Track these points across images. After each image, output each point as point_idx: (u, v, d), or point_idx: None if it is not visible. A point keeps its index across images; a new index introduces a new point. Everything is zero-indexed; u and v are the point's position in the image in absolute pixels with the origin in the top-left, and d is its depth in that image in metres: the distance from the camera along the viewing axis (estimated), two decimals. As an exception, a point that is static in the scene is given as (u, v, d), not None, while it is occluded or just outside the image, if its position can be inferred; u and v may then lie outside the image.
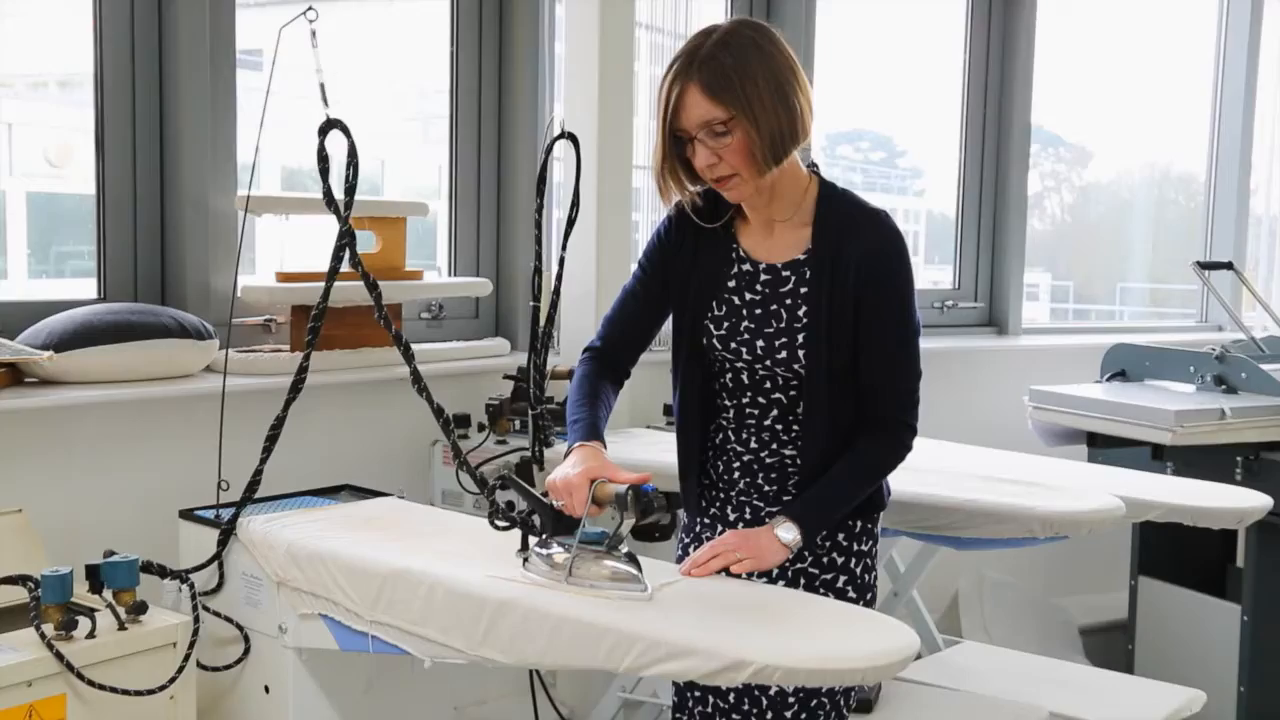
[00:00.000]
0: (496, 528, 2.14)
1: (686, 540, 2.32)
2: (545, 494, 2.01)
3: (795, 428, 2.14)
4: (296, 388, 2.38)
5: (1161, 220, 5.78)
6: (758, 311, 2.13)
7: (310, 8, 2.30)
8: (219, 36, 2.99)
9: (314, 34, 2.30)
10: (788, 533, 2.03)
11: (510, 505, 2.17)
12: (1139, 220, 5.75)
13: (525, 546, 2.03)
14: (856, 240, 2.06)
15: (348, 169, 2.28)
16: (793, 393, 2.13)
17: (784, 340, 2.10)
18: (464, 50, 3.54)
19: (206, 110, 2.96)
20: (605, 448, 2.07)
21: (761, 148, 1.99)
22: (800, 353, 2.09)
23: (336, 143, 2.29)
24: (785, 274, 2.12)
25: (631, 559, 1.93)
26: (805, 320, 2.08)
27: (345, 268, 2.38)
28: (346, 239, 2.32)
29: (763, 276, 2.14)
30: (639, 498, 1.92)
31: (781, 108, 1.99)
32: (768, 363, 2.12)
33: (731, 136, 1.99)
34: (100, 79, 2.90)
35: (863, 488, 2.13)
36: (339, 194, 2.29)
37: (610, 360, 2.25)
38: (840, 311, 2.07)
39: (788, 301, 2.10)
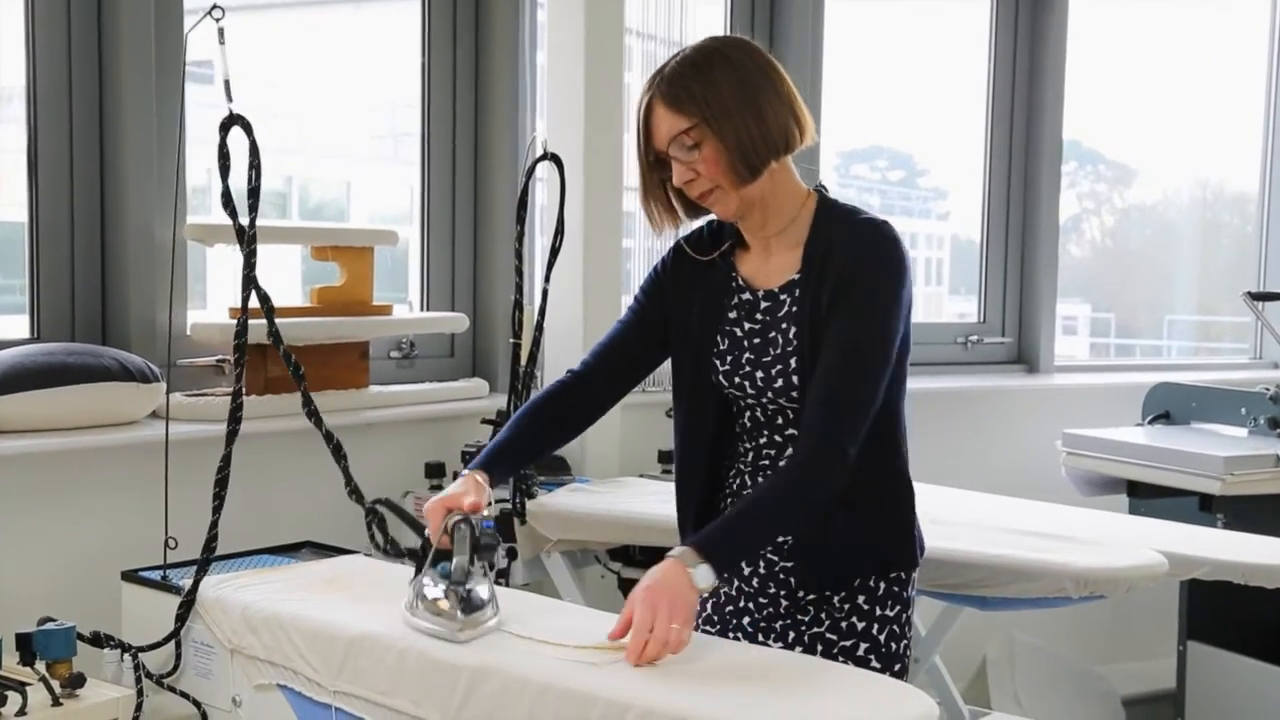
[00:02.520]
0: (384, 554, 2.29)
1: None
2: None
3: None
4: (235, 418, 2.41)
5: (1213, 245, 5.79)
6: (757, 341, 2.17)
7: (216, 5, 2.37)
8: (165, 46, 3.02)
9: (221, 32, 2.39)
10: (702, 578, 1.94)
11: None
12: (1188, 245, 5.76)
13: (418, 573, 2.13)
14: (839, 249, 2.11)
15: (250, 171, 2.36)
16: None
17: (780, 368, 2.13)
18: (437, 61, 3.59)
19: (152, 128, 2.99)
20: (491, 478, 2.15)
21: (730, 156, 2.07)
22: (794, 378, 2.12)
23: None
24: (781, 298, 2.17)
25: (462, 597, 2.03)
26: (796, 344, 2.12)
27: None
28: (253, 244, 2.39)
29: (762, 304, 2.19)
30: (469, 533, 2.04)
31: (750, 114, 2.07)
32: (770, 394, 2.16)
33: (701, 149, 2.07)
34: (33, 92, 2.93)
35: (779, 513, 2.04)
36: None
37: (584, 389, 2.30)
38: (821, 331, 2.10)
39: (783, 326, 2.15)
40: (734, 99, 2.06)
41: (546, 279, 3.03)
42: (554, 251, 3.02)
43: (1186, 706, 3.87)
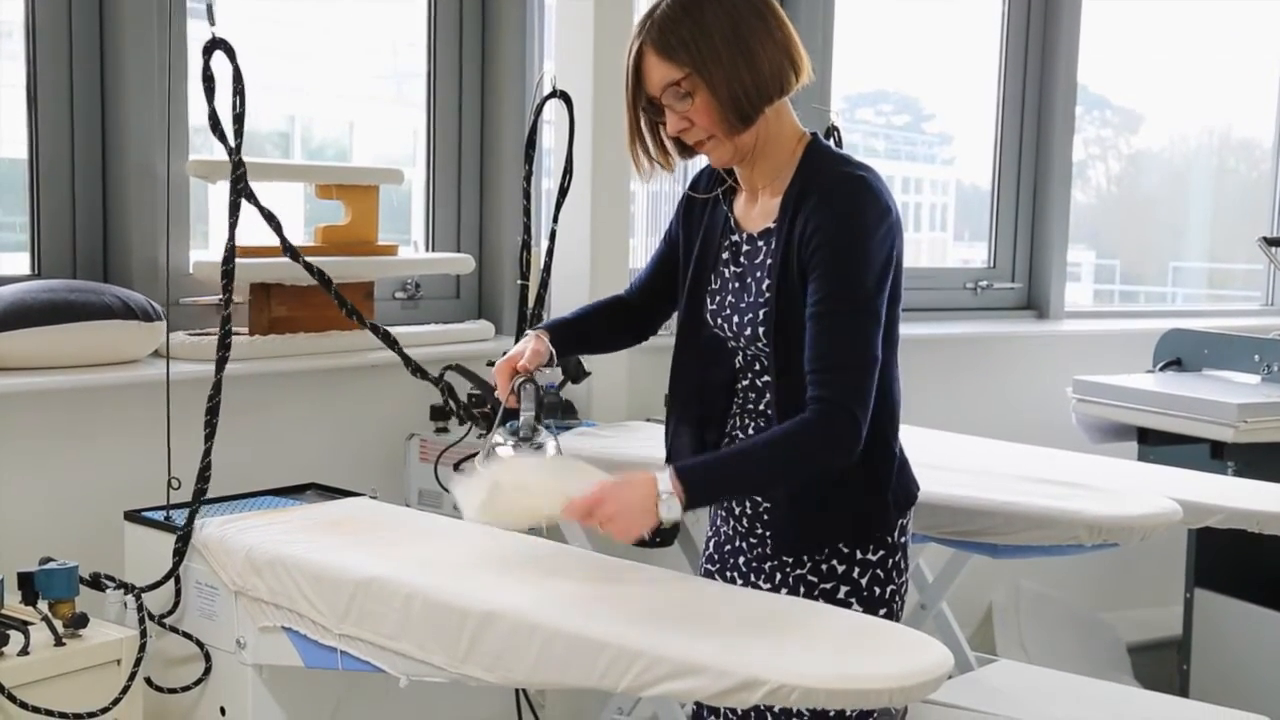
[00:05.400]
0: (457, 416, 2.53)
1: (709, 533, 2.37)
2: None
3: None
4: (224, 344, 2.42)
5: (1221, 192, 5.77)
6: (737, 285, 2.18)
7: None
8: (167, -19, 2.97)
9: None
10: (667, 510, 1.95)
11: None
12: (1195, 192, 5.74)
13: (489, 432, 2.27)
14: (810, 203, 2.07)
15: (234, 95, 2.36)
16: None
17: (750, 316, 2.13)
18: (443, -2, 3.54)
19: (153, 63, 2.95)
20: (552, 338, 2.24)
21: (723, 107, 2.04)
22: (761, 330, 2.11)
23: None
24: (760, 244, 2.16)
25: (536, 448, 2.16)
26: (768, 295, 2.11)
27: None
28: (241, 169, 2.41)
29: (745, 247, 2.18)
30: (524, 391, 2.17)
31: (743, 61, 2.03)
32: (743, 339, 2.15)
33: (694, 98, 2.04)
34: (32, 27, 2.88)
35: (775, 472, 2.04)
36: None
37: (628, 307, 2.38)
38: (790, 283, 2.08)
39: (758, 274, 2.14)
40: (726, 45, 2.02)
41: (554, 219, 2.99)
42: (562, 191, 2.99)
43: (1192, 653, 3.88)
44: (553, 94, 2.97)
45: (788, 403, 2.09)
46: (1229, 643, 3.79)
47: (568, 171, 2.98)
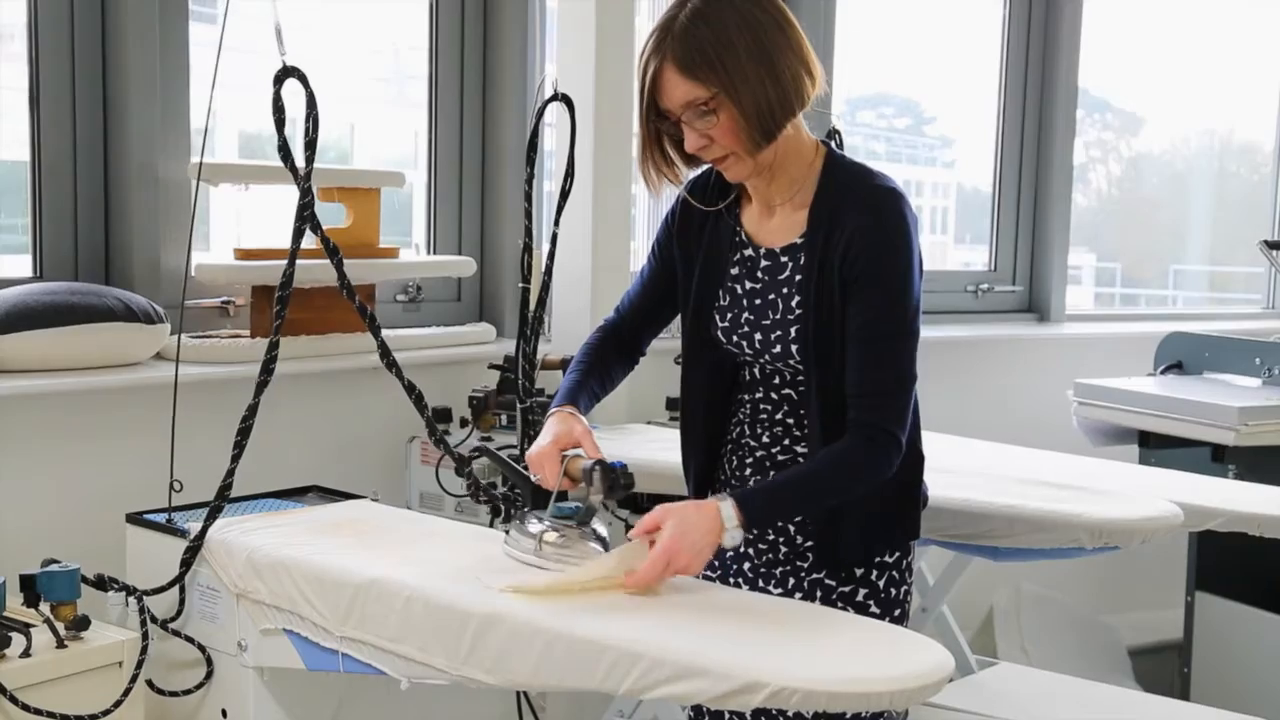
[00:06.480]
0: (478, 501, 2.33)
1: None
2: (526, 465, 2.14)
3: (807, 425, 2.16)
4: (268, 369, 2.37)
5: (1222, 195, 5.77)
6: (757, 302, 2.14)
7: None
8: (169, -16, 2.97)
9: None
10: (731, 539, 1.98)
11: (493, 484, 2.34)
12: (1196, 195, 5.74)
13: (507, 519, 2.17)
14: (847, 219, 2.05)
15: (307, 121, 2.26)
16: (801, 389, 2.15)
17: (779, 334, 2.11)
18: (444, 0, 3.53)
19: (155, 67, 2.95)
20: (581, 411, 2.15)
21: (749, 126, 2.00)
22: (794, 347, 2.10)
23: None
24: (783, 260, 2.13)
25: (599, 537, 2.07)
26: (798, 311, 2.09)
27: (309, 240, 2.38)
28: (308, 198, 2.33)
29: (763, 263, 2.15)
30: (605, 474, 2.04)
31: (768, 78, 1.99)
32: (767, 356, 2.14)
33: (718, 116, 2.00)
34: (34, 29, 2.88)
35: (827, 496, 2.07)
36: (299, 153, 2.28)
37: (620, 336, 2.32)
38: (828, 300, 2.06)
39: (784, 290, 2.11)
40: (752, 62, 1.97)
41: (556, 222, 2.99)
42: (563, 194, 2.98)
43: (1193, 657, 3.88)
44: (554, 97, 2.96)
45: (828, 415, 2.09)
46: (1230, 646, 3.79)
47: (569, 174, 2.97)
